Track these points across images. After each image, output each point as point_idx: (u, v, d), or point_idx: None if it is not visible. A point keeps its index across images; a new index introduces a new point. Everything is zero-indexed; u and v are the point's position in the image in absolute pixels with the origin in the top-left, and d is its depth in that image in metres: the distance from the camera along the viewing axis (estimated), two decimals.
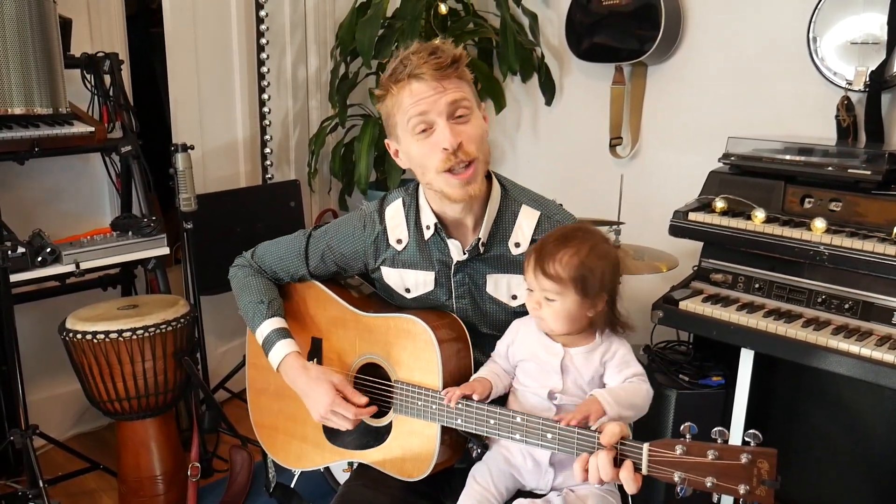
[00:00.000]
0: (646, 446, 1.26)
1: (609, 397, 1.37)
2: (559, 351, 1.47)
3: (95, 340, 2.34)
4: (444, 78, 1.46)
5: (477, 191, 1.53)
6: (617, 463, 1.28)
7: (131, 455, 2.52)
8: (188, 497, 2.45)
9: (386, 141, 1.61)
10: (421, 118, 1.48)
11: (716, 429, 1.22)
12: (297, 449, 1.80)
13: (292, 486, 2.45)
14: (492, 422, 1.44)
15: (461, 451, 1.62)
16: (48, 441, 2.71)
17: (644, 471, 1.26)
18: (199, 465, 2.47)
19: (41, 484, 2.36)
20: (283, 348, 1.66)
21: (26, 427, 2.44)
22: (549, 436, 1.37)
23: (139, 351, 2.38)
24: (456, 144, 1.47)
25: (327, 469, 2.36)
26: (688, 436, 1.23)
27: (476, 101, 1.54)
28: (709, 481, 1.20)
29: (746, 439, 1.18)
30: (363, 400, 1.61)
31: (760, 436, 1.18)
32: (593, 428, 1.32)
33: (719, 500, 1.24)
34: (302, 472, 2.33)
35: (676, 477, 1.22)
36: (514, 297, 1.62)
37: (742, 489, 1.17)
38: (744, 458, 1.18)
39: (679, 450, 1.22)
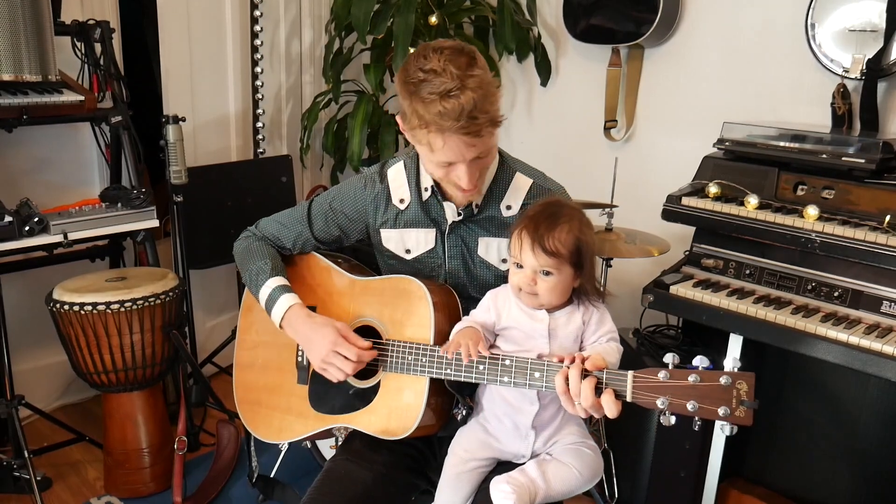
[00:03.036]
0: (630, 373, 1.32)
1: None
2: (544, 317, 1.52)
3: (83, 312, 2.33)
4: (479, 137, 1.47)
5: (478, 200, 1.64)
6: (598, 393, 1.34)
7: (117, 427, 2.52)
8: (174, 470, 2.44)
9: (397, 116, 1.60)
10: (447, 161, 1.51)
11: (697, 357, 1.27)
12: (279, 421, 1.80)
13: (277, 465, 2.45)
14: (481, 367, 1.49)
15: (446, 417, 1.64)
16: (34, 412, 2.71)
17: (628, 397, 1.32)
18: (185, 438, 2.47)
19: (26, 454, 2.35)
20: (287, 301, 1.69)
21: (12, 397, 2.43)
22: (537, 374, 1.43)
23: (127, 323, 2.37)
24: (473, 185, 1.55)
25: (314, 446, 2.37)
26: (671, 364, 1.28)
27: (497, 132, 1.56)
28: (690, 404, 1.25)
29: (725, 365, 1.25)
30: (367, 343, 1.62)
31: (739, 361, 1.24)
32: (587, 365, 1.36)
33: (701, 427, 1.29)
34: (288, 448, 2.33)
35: (659, 402, 1.28)
36: (504, 261, 1.68)
37: (722, 411, 1.23)
38: (723, 381, 1.23)
39: (662, 375, 1.28)
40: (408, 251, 1.72)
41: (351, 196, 1.74)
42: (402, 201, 1.70)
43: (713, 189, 2.22)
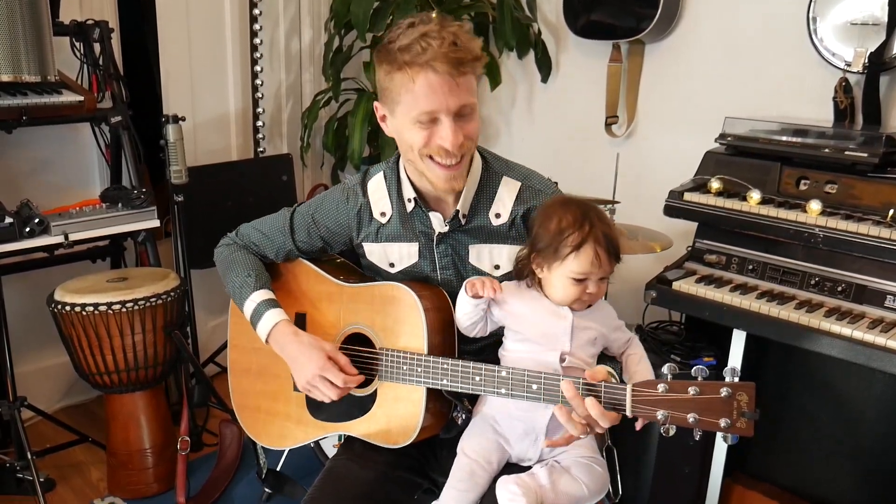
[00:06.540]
0: (629, 387, 1.31)
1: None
2: (567, 314, 1.50)
3: (84, 313, 2.32)
4: (461, 75, 1.43)
5: (461, 186, 1.57)
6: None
7: (120, 428, 2.52)
8: (177, 471, 2.44)
9: (375, 104, 1.58)
10: (429, 115, 1.46)
11: (696, 367, 1.26)
12: (279, 428, 1.79)
13: (280, 463, 2.45)
14: (477, 378, 1.47)
15: (445, 419, 1.63)
16: (36, 413, 2.71)
17: (628, 412, 1.31)
18: (188, 439, 2.46)
19: (29, 456, 2.35)
20: (273, 317, 1.65)
21: (14, 399, 2.43)
22: (535, 386, 1.41)
23: (128, 324, 2.37)
24: (457, 146, 1.47)
25: (317, 445, 2.36)
26: (670, 376, 1.27)
27: (477, 93, 1.53)
28: (691, 417, 1.24)
29: (724, 375, 1.23)
30: (354, 371, 1.61)
31: (738, 370, 1.23)
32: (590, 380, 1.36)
33: (701, 438, 1.28)
34: (290, 449, 2.33)
35: (660, 415, 1.27)
36: (497, 267, 1.64)
37: (723, 423, 1.22)
38: (723, 392, 1.22)
39: (661, 388, 1.27)
40: (391, 265, 1.68)
41: (333, 209, 1.70)
42: (383, 214, 1.66)
43: (715, 184, 2.21)
